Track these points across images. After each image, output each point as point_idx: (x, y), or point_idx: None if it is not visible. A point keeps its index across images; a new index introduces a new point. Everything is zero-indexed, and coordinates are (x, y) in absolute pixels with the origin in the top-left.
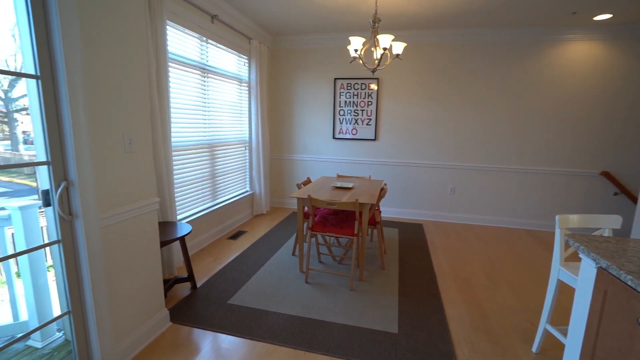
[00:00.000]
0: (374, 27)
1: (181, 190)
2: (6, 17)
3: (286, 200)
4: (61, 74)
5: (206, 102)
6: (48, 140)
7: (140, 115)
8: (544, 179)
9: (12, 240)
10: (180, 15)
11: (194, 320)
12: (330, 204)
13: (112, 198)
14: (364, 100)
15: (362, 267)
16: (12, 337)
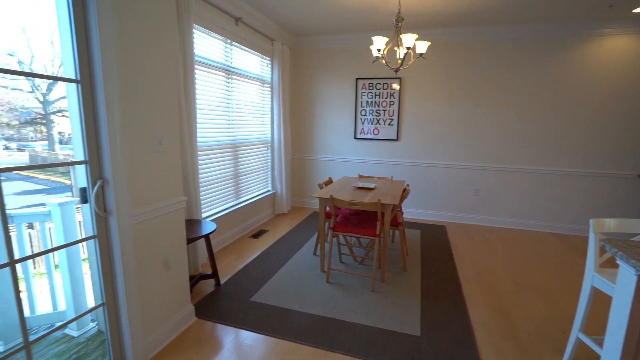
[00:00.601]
0: (397, 26)
1: (206, 189)
2: (45, 27)
3: (307, 200)
4: (98, 79)
5: (230, 103)
6: (86, 141)
7: (169, 116)
8: (576, 180)
9: (50, 235)
10: (206, 19)
11: (218, 316)
12: (352, 204)
13: (142, 196)
14: (385, 100)
15: (384, 268)
16: (51, 325)
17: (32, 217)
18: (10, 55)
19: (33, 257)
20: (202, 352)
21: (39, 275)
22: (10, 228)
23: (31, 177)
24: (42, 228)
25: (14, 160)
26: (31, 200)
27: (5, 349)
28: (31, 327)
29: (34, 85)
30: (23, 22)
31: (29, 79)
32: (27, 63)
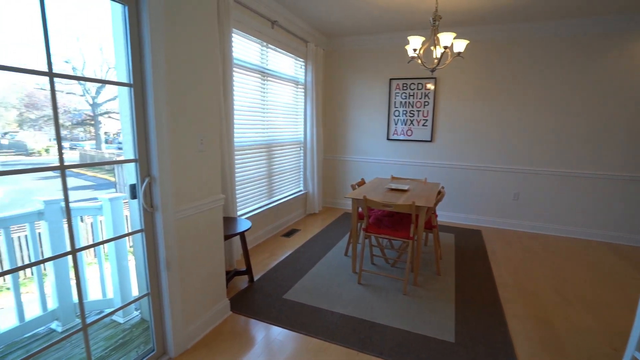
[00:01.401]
0: (434, 25)
1: (241, 187)
2: (96, 36)
3: (338, 201)
4: (149, 83)
5: (265, 104)
6: (136, 141)
7: (210, 118)
8: (628, 186)
9: (101, 227)
10: (244, 23)
11: (252, 312)
12: (386, 205)
13: (185, 193)
14: (420, 100)
15: (417, 272)
16: (101, 311)
17: (86, 210)
18: (66, 62)
19: (92, 247)
20: (237, 345)
21: (89, 264)
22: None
23: (81, 174)
24: (94, 221)
25: (67, 158)
26: (80, 195)
27: (63, 329)
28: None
29: (85, 90)
30: (77, 32)
31: (80, 83)
32: (79, 69)
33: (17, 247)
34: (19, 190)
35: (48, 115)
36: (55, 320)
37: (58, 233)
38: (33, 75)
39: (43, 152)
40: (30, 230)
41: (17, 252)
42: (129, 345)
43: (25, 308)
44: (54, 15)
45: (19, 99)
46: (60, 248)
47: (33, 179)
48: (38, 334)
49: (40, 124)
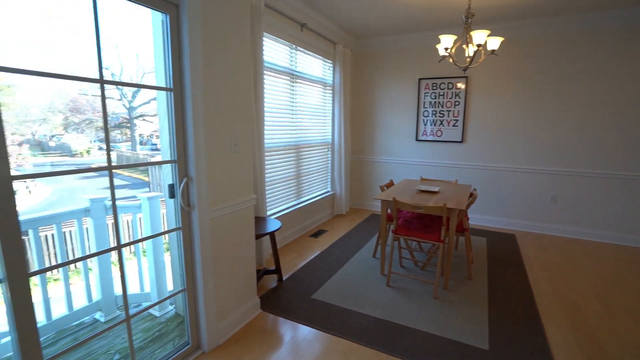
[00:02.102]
0: (467, 22)
1: (270, 188)
2: (132, 43)
3: (365, 202)
4: (187, 87)
5: (294, 106)
6: (175, 143)
7: (244, 120)
8: None
9: (140, 224)
10: (274, 27)
11: (281, 311)
12: (416, 207)
13: (219, 193)
14: (450, 100)
15: (448, 276)
16: (138, 304)
17: (127, 208)
18: (106, 69)
19: (137, 242)
20: (267, 343)
21: (127, 259)
22: (109, 217)
23: (118, 173)
24: (134, 218)
25: (105, 159)
26: (116, 193)
27: (105, 319)
28: (123, 304)
29: (122, 94)
30: (116, 40)
31: (118, 88)
32: (117, 75)
33: (67, 241)
34: (63, 189)
35: (89, 119)
36: (98, 310)
37: (102, 229)
38: (77, 82)
39: (85, 153)
40: (78, 225)
41: (67, 246)
42: (165, 337)
43: (73, 298)
44: (103, 27)
45: (65, 104)
46: (103, 243)
47: (76, 179)
48: (84, 323)
49: (83, 127)
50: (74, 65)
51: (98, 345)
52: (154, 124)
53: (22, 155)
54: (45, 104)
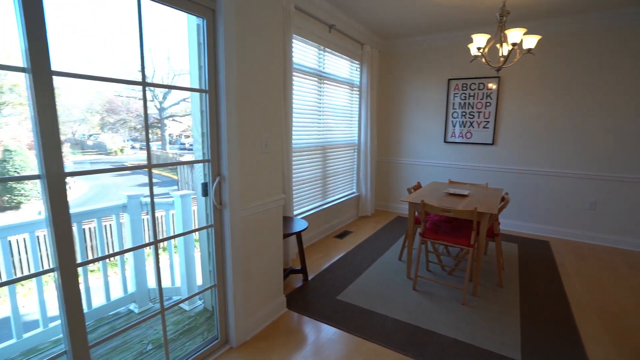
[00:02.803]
0: (502, 21)
1: (297, 188)
2: (164, 47)
3: (391, 204)
4: (222, 89)
5: (321, 107)
6: (209, 142)
7: (274, 121)
8: None
9: (172, 220)
10: (303, 29)
11: (307, 310)
12: (445, 210)
13: (250, 192)
14: (480, 101)
15: (477, 282)
16: (169, 298)
17: (161, 205)
18: (139, 72)
19: (173, 238)
20: (292, 341)
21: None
22: (144, 213)
23: (147, 171)
24: (166, 214)
25: (137, 157)
26: (147, 190)
27: (139, 311)
28: (155, 297)
29: (154, 95)
30: (150, 44)
31: (150, 89)
32: (150, 77)
33: (107, 235)
34: (99, 185)
35: (123, 119)
36: (133, 302)
37: (137, 224)
38: (113, 84)
39: (118, 151)
40: (115, 220)
41: (106, 239)
42: (194, 331)
43: (110, 289)
44: (133, 31)
45: (102, 105)
46: (138, 237)
47: (111, 176)
48: (120, 313)
49: (117, 127)
50: (110, 68)
51: (133, 334)
52: (182, 124)
53: (63, 153)
54: (84, 105)
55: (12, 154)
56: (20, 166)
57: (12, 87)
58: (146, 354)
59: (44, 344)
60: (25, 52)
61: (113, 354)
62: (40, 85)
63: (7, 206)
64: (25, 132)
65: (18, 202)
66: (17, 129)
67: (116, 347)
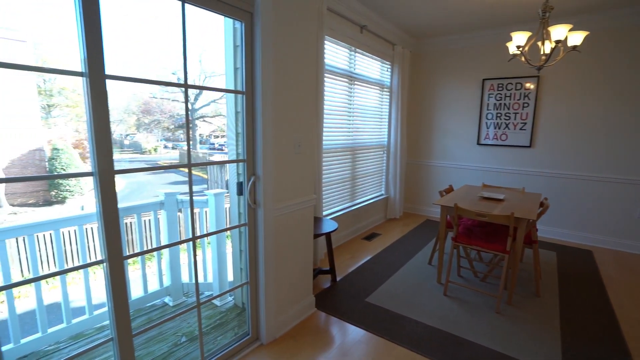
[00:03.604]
0: (544, 17)
1: (326, 189)
2: (197, 50)
3: (419, 207)
4: (258, 91)
5: (351, 108)
6: (244, 143)
7: (307, 122)
8: None
9: (206, 218)
10: (335, 30)
11: (335, 311)
12: (480, 215)
13: (283, 192)
14: (517, 102)
15: (512, 290)
16: (202, 293)
17: (196, 203)
18: (173, 74)
19: (209, 235)
20: (321, 341)
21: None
22: (179, 211)
23: (180, 170)
24: (200, 212)
25: (170, 156)
26: (179, 188)
27: (173, 304)
28: (188, 291)
29: (186, 97)
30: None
31: (182, 90)
32: (182, 79)
33: (145, 230)
34: (134, 183)
35: (157, 120)
36: (168, 295)
37: (173, 220)
38: (149, 86)
39: (152, 151)
40: (153, 216)
41: (144, 234)
42: (225, 326)
43: (148, 281)
44: (168, 36)
45: (137, 106)
46: (174, 233)
47: (145, 174)
48: (156, 305)
49: (151, 127)
50: (144, 70)
51: (168, 326)
52: (212, 124)
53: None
54: (122, 107)
55: (59, 152)
56: (65, 163)
57: (60, 90)
58: (180, 346)
59: (89, 330)
60: (84, 58)
61: (150, 343)
62: (95, 89)
63: (54, 200)
64: (70, 132)
65: (63, 197)
66: (64, 129)
67: (153, 337)
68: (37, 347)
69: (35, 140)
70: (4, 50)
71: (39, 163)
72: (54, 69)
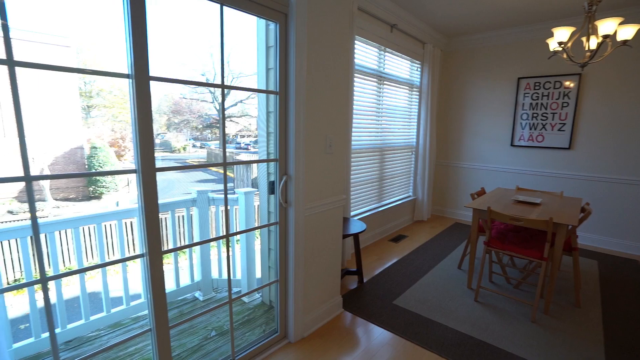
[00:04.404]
0: (590, 11)
1: (354, 189)
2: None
3: (448, 210)
4: (291, 91)
5: (380, 108)
6: (277, 142)
7: (338, 122)
8: None
9: (235, 216)
10: (365, 29)
11: (362, 312)
12: (515, 219)
13: (314, 192)
14: (556, 101)
15: (550, 298)
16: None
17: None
18: (202, 75)
19: (242, 233)
20: (348, 342)
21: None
22: (211, 207)
23: (208, 169)
24: (231, 210)
25: (197, 155)
26: (206, 186)
27: (203, 299)
28: (217, 286)
29: (214, 97)
30: (211, 50)
31: (210, 90)
32: (211, 80)
33: (179, 226)
34: (165, 180)
35: (187, 120)
36: (198, 290)
37: (204, 217)
38: (179, 87)
39: (181, 149)
40: (186, 213)
41: (178, 230)
42: (253, 323)
43: (180, 276)
44: (197, 39)
45: (168, 106)
46: (205, 230)
47: (173, 172)
48: (186, 299)
49: (181, 127)
50: (174, 70)
51: (198, 320)
52: (239, 124)
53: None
54: (154, 107)
55: (97, 151)
56: (102, 161)
57: (98, 91)
58: (210, 340)
59: (126, 320)
60: (131, 61)
61: (181, 336)
62: (140, 90)
63: (92, 196)
64: (107, 131)
65: (100, 192)
66: (101, 128)
67: (184, 330)
68: (80, 333)
69: (76, 139)
70: (51, 55)
71: (79, 160)
72: (104, 71)
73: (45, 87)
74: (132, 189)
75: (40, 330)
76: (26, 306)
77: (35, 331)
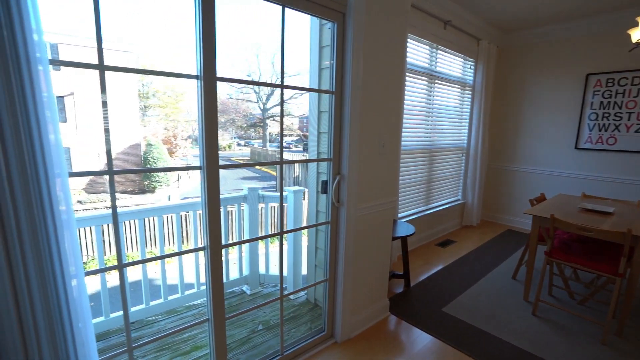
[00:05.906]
0: None
1: (402, 191)
2: (270, 52)
3: (500, 215)
4: (347, 90)
5: (430, 107)
6: (331, 142)
7: (392, 122)
8: None
9: (284, 214)
10: (417, 26)
11: (410, 317)
12: (583, 229)
13: (366, 192)
14: (634, 99)
15: (625, 319)
16: (275, 285)
17: (273, 198)
18: (248, 76)
19: (296, 231)
20: (395, 347)
21: (270, 242)
22: (261, 204)
23: (251, 167)
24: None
25: (242, 153)
26: (250, 184)
27: (250, 293)
28: (263, 282)
29: (259, 97)
30: (257, 51)
31: (255, 91)
32: (257, 79)
33: (230, 221)
34: None
35: (232, 119)
36: (246, 284)
37: (254, 214)
38: (226, 87)
39: (227, 147)
40: (237, 209)
41: (229, 225)
42: (298, 320)
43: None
44: (247, 41)
45: None
46: (254, 226)
47: (221, 169)
48: (234, 292)
49: (227, 126)
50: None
51: (247, 314)
52: (309, 125)
53: (185, 147)
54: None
55: (152, 147)
56: (156, 157)
57: (154, 92)
58: (257, 333)
59: (180, 308)
60: (200, 63)
61: (230, 327)
62: (208, 90)
63: (146, 189)
64: (161, 130)
65: (154, 187)
66: (155, 126)
67: (233, 322)
68: (141, 317)
69: (135, 136)
70: (116, 60)
71: (137, 156)
72: (177, 73)
73: (110, 89)
74: (182, 184)
75: (110, 310)
76: (93, 287)
77: (105, 310)
